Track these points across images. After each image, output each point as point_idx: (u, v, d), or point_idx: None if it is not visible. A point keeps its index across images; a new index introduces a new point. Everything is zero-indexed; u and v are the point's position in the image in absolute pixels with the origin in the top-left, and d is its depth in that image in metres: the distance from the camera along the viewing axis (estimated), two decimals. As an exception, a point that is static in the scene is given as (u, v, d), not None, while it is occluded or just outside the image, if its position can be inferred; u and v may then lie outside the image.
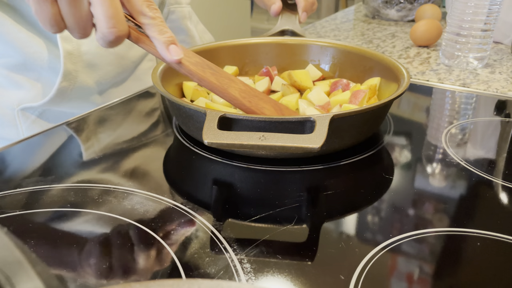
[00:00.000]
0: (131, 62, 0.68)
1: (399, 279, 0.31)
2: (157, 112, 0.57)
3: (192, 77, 0.43)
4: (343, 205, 0.38)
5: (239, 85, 0.46)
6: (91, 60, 0.62)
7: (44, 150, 0.48)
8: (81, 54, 0.61)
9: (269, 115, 0.46)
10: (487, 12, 0.68)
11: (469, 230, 0.35)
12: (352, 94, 0.51)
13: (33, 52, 0.60)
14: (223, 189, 0.41)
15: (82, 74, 0.62)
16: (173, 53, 0.40)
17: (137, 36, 0.40)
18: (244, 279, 0.30)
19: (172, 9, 0.71)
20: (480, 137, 0.52)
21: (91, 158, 0.46)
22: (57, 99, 0.61)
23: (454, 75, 0.71)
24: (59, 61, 0.60)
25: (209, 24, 0.76)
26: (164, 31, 0.40)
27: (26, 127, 0.63)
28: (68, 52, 0.60)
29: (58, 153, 0.48)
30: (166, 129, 0.53)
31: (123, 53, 0.66)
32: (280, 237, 0.34)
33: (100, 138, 0.50)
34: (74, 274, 0.31)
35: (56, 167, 0.44)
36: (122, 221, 0.36)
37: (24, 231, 0.35)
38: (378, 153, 0.47)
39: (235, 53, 0.63)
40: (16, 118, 0.63)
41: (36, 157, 0.47)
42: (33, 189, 0.40)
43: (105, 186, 0.41)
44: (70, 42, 0.60)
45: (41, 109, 0.63)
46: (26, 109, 0.62)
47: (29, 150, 0.48)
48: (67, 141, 0.50)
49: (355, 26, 1.05)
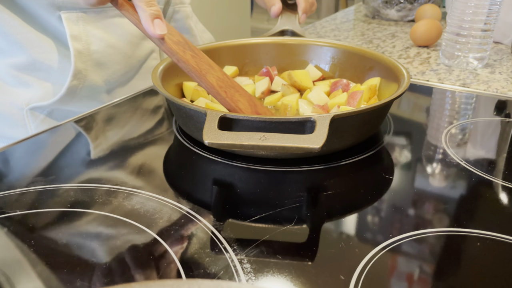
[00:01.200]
0: (137, 61, 0.69)
1: (399, 279, 0.31)
2: (161, 109, 0.58)
3: (171, 56, 0.43)
4: (343, 205, 0.38)
5: (218, 73, 0.45)
6: (99, 58, 0.63)
7: (48, 149, 0.48)
8: (90, 53, 0.61)
9: (243, 109, 0.45)
10: (487, 12, 0.68)
11: (469, 230, 0.35)
12: (350, 96, 0.51)
13: (42, 52, 0.61)
14: (223, 189, 0.41)
15: (91, 73, 0.62)
16: (157, 27, 0.39)
17: (122, 3, 0.40)
18: (244, 279, 0.30)
19: (177, 9, 0.71)
20: (480, 137, 0.52)
21: (88, 159, 0.46)
22: (67, 98, 0.62)
23: (454, 75, 0.71)
24: (69, 60, 0.61)
25: (209, 24, 0.76)
26: (152, 3, 0.39)
27: (34, 127, 0.64)
28: (78, 51, 0.60)
29: (59, 152, 0.48)
30: (168, 128, 0.53)
31: (130, 53, 0.67)
32: (280, 237, 0.34)
33: (103, 137, 0.50)
34: (74, 274, 0.31)
35: (57, 167, 0.44)
36: (122, 221, 0.36)
37: (24, 231, 0.35)
38: (378, 153, 0.47)
39: (235, 53, 0.63)
40: (25, 118, 0.63)
41: (39, 155, 0.47)
42: (33, 189, 0.40)
43: (105, 186, 0.41)
44: (80, 41, 0.60)
45: (49, 109, 0.64)
46: (35, 108, 0.63)
47: (32, 148, 0.48)
48: (68, 141, 0.50)
49: (355, 26, 1.05)
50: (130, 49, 0.67)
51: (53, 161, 0.46)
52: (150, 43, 0.70)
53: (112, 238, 0.34)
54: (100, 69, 0.63)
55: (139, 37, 0.68)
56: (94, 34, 0.62)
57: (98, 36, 0.62)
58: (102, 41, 0.62)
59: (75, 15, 0.59)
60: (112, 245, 0.33)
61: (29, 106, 0.62)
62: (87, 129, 0.53)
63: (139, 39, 0.68)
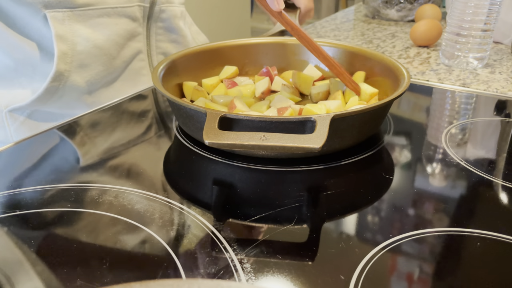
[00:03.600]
0: (121, 62, 0.67)
1: (399, 279, 0.31)
2: (152, 113, 0.57)
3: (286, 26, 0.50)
4: (343, 205, 0.38)
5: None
6: (83, 60, 0.62)
7: (41, 152, 0.48)
8: (75, 54, 0.61)
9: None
10: (487, 12, 0.68)
11: (469, 230, 0.35)
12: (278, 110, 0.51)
13: (24, 56, 0.60)
14: (223, 189, 0.41)
15: (73, 74, 0.61)
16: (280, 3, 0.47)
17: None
18: (244, 279, 0.30)
19: (163, 8, 0.71)
20: (480, 137, 0.52)
21: (91, 159, 0.46)
22: (45, 98, 0.61)
23: (454, 75, 0.71)
24: (51, 63, 0.60)
25: (209, 24, 0.76)
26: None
27: (14, 129, 0.63)
28: (62, 53, 0.59)
29: (58, 154, 0.48)
30: (164, 130, 0.53)
31: (115, 54, 0.66)
32: (280, 237, 0.34)
33: (96, 141, 0.50)
34: (74, 274, 0.31)
35: (57, 167, 0.44)
36: (122, 221, 0.36)
37: (24, 231, 0.35)
38: (378, 153, 0.47)
39: (235, 53, 0.63)
40: (4, 120, 0.62)
41: (35, 159, 0.47)
42: (34, 189, 0.40)
43: (105, 186, 0.41)
44: (66, 41, 0.59)
45: (29, 110, 0.63)
46: (14, 110, 0.62)
47: (23, 152, 0.48)
48: (61, 145, 0.50)
49: (355, 26, 1.05)
50: (116, 50, 0.66)
51: (53, 161, 0.46)
52: (138, 43, 0.69)
53: (111, 238, 0.34)
54: (82, 70, 0.63)
55: (126, 38, 0.67)
56: (80, 34, 0.61)
57: (84, 36, 0.61)
58: (88, 41, 0.62)
59: (61, 14, 0.59)
60: (112, 244, 0.33)
61: (8, 108, 0.62)
62: (74, 135, 0.53)
63: (125, 40, 0.67)
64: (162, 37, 0.73)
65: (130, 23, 0.67)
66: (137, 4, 0.67)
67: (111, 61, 0.66)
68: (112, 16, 0.64)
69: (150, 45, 0.72)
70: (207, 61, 0.62)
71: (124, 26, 0.66)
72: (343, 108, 0.52)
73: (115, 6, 0.64)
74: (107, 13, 0.63)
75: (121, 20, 0.65)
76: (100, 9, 0.62)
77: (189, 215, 0.37)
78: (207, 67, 0.62)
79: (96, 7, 0.62)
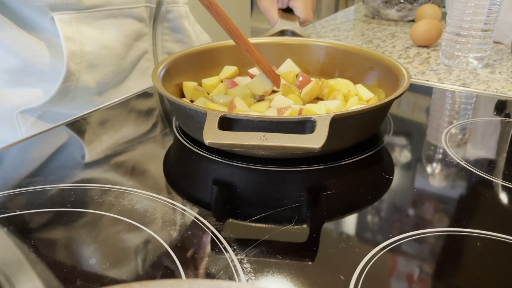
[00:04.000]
0: (130, 62, 0.68)
1: (399, 279, 0.31)
2: (155, 112, 0.57)
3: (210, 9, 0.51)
4: (343, 205, 0.38)
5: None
6: (92, 60, 0.62)
7: (44, 150, 0.48)
8: (84, 54, 0.61)
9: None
10: (487, 12, 0.68)
11: (469, 230, 0.35)
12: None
13: (34, 55, 0.60)
14: (223, 189, 0.41)
15: (84, 74, 0.62)
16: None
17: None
18: (244, 279, 0.30)
19: (170, 8, 0.71)
20: (480, 137, 0.52)
21: (91, 158, 0.46)
22: (57, 99, 0.61)
23: (454, 75, 0.71)
24: (61, 63, 0.60)
25: (209, 24, 0.76)
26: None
27: (25, 130, 0.63)
28: (71, 53, 0.59)
29: (58, 153, 0.48)
30: (165, 129, 0.53)
31: (123, 54, 0.66)
32: (280, 237, 0.34)
33: (100, 138, 0.50)
34: (74, 274, 0.31)
35: (57, 167, 0.44)
36: (122, 221, 0.36)
37: (24, 231, 0.35)
38: (378, 153, 0.47)
39: (235, 53, 0.63)
40: (15, 121, 0.63)
41: (37, 157, 0.47)
42: (33, 189, 0.40)
43: (105, 186, 0.41)
44: (73, 42, 0.60)
45: (40, 111, 0.63)
46: (25, 111, 0.62)
47: (29, 150, 0.48)
48: (66, 142, 0.50)
49: (355, 26, 1.05)
50: (124, 50, 0.66)
51: (53, 161, 0.46)
52: (144, 43, 0.70)
53: (111, 238, 0.34)
54: (92, 70, 0.63)
55: (133, 38, 0.67)
56: (88, 35, 0.61)
57: (92, 37, 0.62)
58: (96, 42, 0.62)
59: (68, 16, 0.59)
60: (112, 244, 0.33)
61: (20, 109, 0.62)
62: (80, 132, 0.53)
63: (132, 40, 0.67)
64: (168, 37, 0.74)
65: (137, 24, 0.67)
66: (144, 4, 0.67)
67: (120, 61, 0.66)
68: (118, 17, 0.64)
69: (156, 45, 0.72)
70: (207, 61, 0.62)
71: (131, 26, 0.66)
72: (343, 108, 0.52)
73: (121, 7, 0.64)
74: (114, 14, 0.63)
75: (127, 21, 0.65)
76: (106, 11, 0.62)
77: (189, 215, 0.37)
78: (207, 67, 0.62)
79: (102, 9, 0.62)
